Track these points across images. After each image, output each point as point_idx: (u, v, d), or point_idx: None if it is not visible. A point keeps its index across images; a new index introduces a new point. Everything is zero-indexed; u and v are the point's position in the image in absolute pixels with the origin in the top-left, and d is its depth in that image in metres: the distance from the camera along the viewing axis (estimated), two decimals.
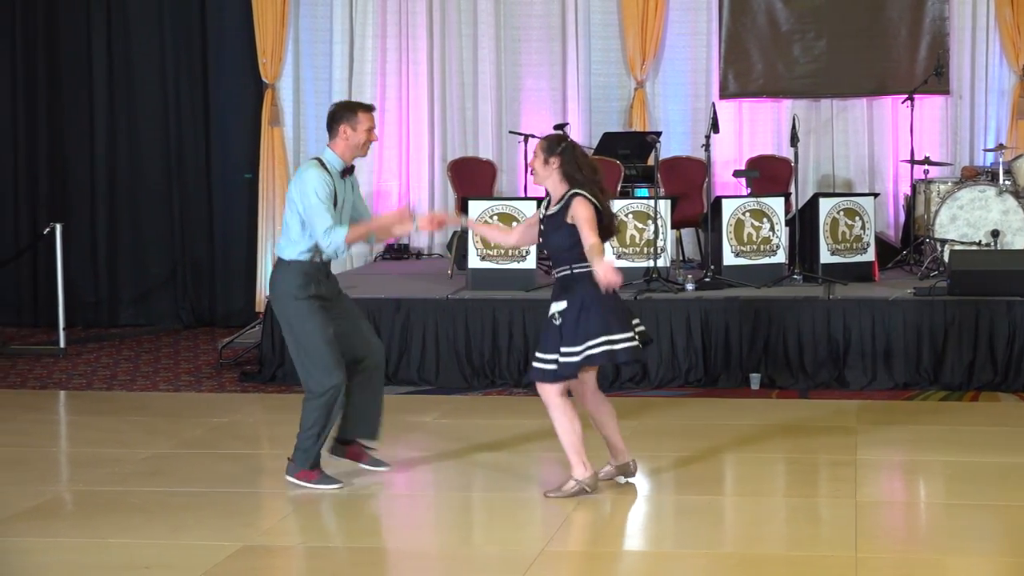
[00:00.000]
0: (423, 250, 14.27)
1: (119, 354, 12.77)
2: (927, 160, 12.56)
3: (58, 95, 14.49)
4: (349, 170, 7.84)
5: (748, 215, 11.53)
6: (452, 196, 13.63)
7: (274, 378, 11.15)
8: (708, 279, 11.43)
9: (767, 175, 12.73)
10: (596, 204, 7.52)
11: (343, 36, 14.22)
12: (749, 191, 12.42)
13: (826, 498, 7.94)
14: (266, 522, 7.50)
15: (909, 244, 12.57)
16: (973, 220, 11.89)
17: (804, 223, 11.76)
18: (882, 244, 12.56)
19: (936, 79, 13.12)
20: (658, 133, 12.52)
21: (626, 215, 11.37)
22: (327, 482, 7.89)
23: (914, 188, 12.60)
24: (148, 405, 10.57)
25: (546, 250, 7.82)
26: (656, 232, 11.30)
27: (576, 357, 7.49)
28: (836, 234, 11.65)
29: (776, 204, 11.63)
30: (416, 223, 7.93)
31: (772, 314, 10.86)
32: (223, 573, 6.54)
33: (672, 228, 11.75)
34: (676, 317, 10.90)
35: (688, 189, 12.74)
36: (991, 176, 12.22)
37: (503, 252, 11.24)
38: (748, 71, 13.97)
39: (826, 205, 11.67)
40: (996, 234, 11.77)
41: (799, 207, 11.98)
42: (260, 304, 13.38)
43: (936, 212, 11.94)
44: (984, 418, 9.81)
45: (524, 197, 12.59)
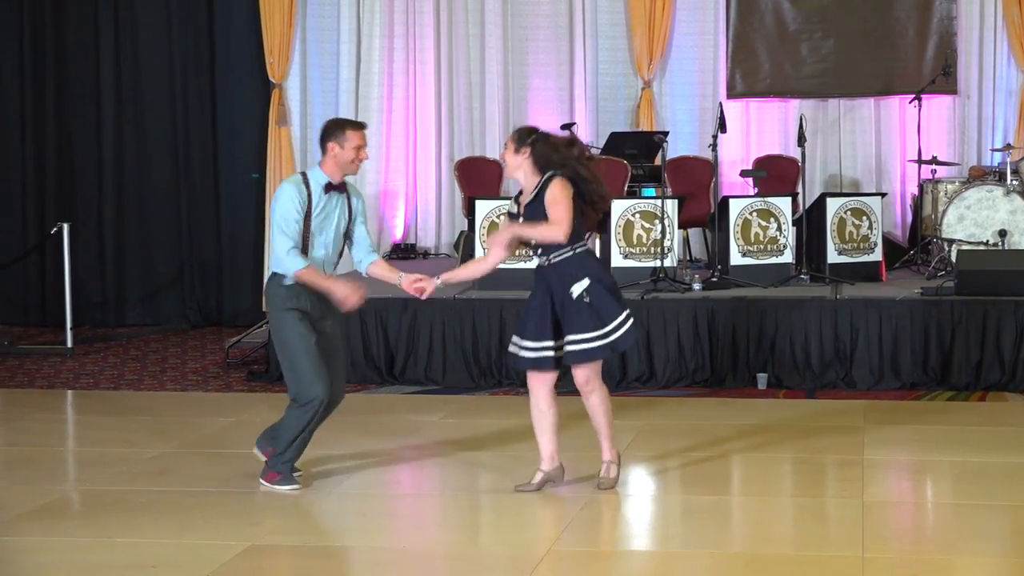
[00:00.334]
0: (430, 249, 14.28)
1: (126, 354, 12.78)
2: (934, 160, 12.55)
3: (66, 95, 14.51)
4: (338, 187, 7.78)
5: (755, 215, 11.52)
6: (459, 196, 13.64)
7: (281, 378, 11.11)
8: (715, 279, 11.43)
9: (774, 175, 12.72)
10: (576, 181, 7.52)
11: (350, 36, 14.23)
12: (756, 191, 12.41)
13: (833, 498, 7.94)
14: (273, 521, 7.50)
15: (916, 244, 12.57)
16: (980, 220, 11.88)
17: (811, 223, 11.75)
18: (889, 244, 12.56)
19: (944, 79, 13.11)
20: (665, 133, 12.52)
21: (633, 215, 11.37)
22: (288, 482, 7.91)
23: (921, 188, 12.60)
24: (155, 405, 10.58)
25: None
26: (663, 232, 11.30)
27: (625, 326, 7.53)
28: (843, 234, 11.65)
29: (783, 204, 11.63)
30: (400, 282, 7.87)
31: (779, 314, 10.85)
32: (230, 572, 6.54)
33: (679, 228, 11.74)
34: (683, 317, 10.90)
35: (695, 189, 12.73)
36: (998, 176, 12.22)
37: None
38: (755, 71, 13.96)
39: (833, 205, 11.67)
40: (1003, 234, 11.76)
41: (806, 207, 11.97)
42: (267, 304, 13.36)
43: (943, 212, 11.93)
44: (991, 418, 9.80)
45: None
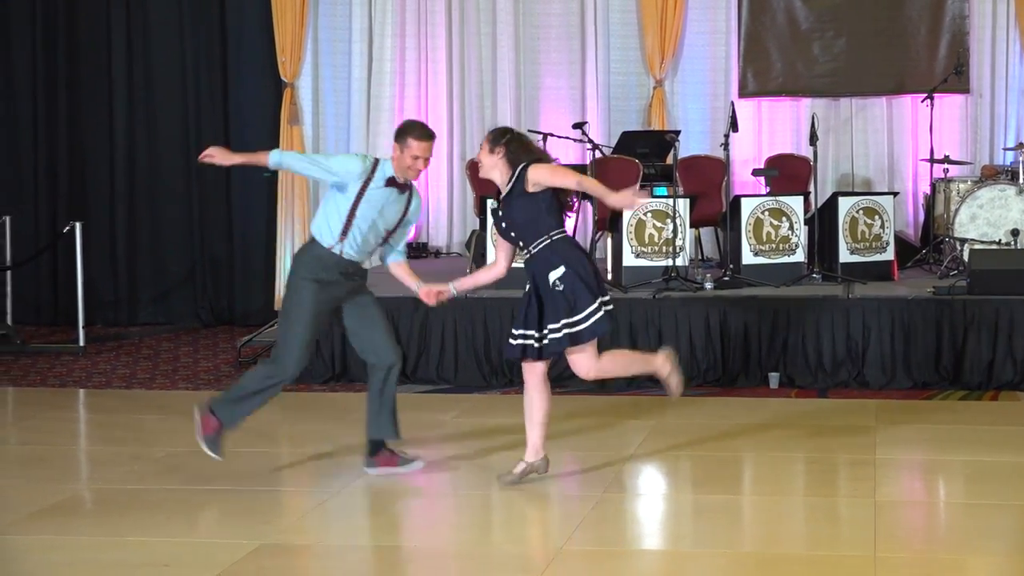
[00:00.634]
0: (442, 249, 14.28)
1: (138, 353, 12.80)
2: (947, 159, 12.53)
3: (78, 95, 14.53)
4: (401, 186, 7.90)
5: (767, 214, 11.51)
6: (471, 195, 13.64)
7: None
8: (727, 278, 11.42)
9: (786, 174, 12.70)
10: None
11: (362, 35, 14.23)
12: (768, 190, 12.39)
13: (845, 497, 7.93)
14: (284, 520, 7.51)
15: (928, 243, 12.54)
16: (993, 219, 11.86)
17: (823, 222, 11.74)
18: (901, 243, 12.54)
19: (956, 78, 13.07)
20: (677, 132, 12.50)
21: (645, 214, 11.36)
22: (211, 446, 8.00)
23: (934, 187, 12.57)
24: (167, 404, 10.59)
25: (512, 232, 7.71)
26: (675, 231, 11.29)
27: (593, 317, 7.55)
28: (855, 233, 11.63)
29: (795, 203, 11.62)
30: (418, 289, 8.07)
31: (791, 313, 10.84)
32: (241, 571, 6.54)
33: (691, 227, 11.73)
34: (695, 316, 10.89)
35: (707, 188, 12.71)
36: (1011, 175, 12.20)
37: (521, 251, 11.23)
38: (767, 70, 13.95)
39: (845, 204, 11.65)
40: (1016, 233, 11.74)
41: (818, 206, 11.95)
42: (279, 303, 13.38)
43: (956, 211, 11.91)
44: (1004, 418, 9.78)
45: None
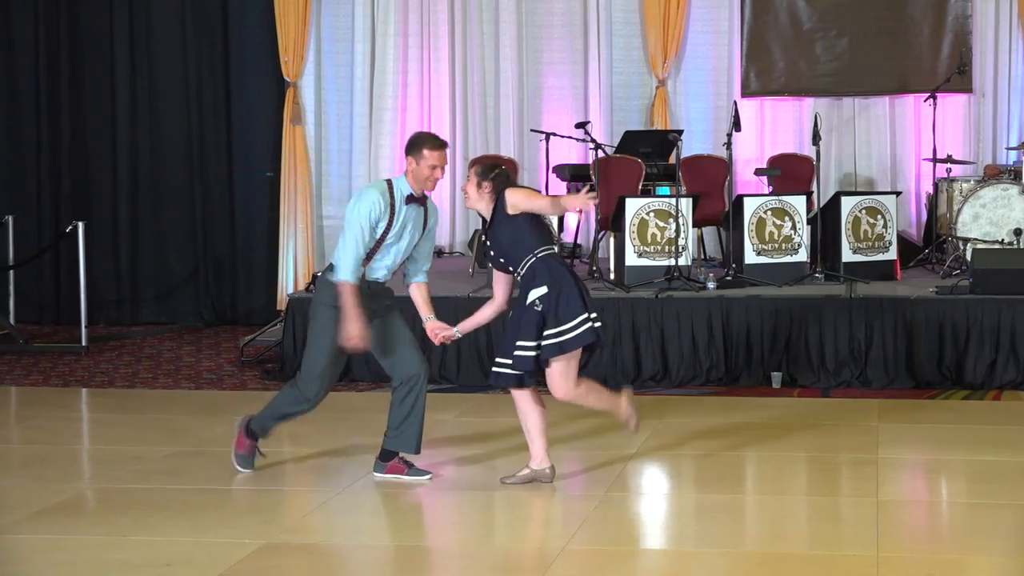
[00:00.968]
0: (444, 248, 14.28)
1: (141, 352, 12.80)
2: (949, 158, 12.52)
3: (81, 94, 14.54)
4: (420, 200, 7.88)
5: (770, 214, 11.51)
6: None
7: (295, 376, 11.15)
8: (729, 278, 11.42)
9: (789, 173, 12.70)
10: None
11: (365, 35, 14.23)
12: (771, 189, 12.39)
13: (848, 497, 7.93)
14: (288, 520, 7.51)
15: (931, 243, 12.54)
16: (996, 218, 11.86)
17: (826, 222, 11.74)
18: (904, 243, 12.53)
19: (959, 77, 13.07)
20: (680, 131, 12.49)
21: (648, 213, 11.36)
22: (243, 463, 8.17)
23: (936, 186, 12.57)
24: (170, 403, 10.60)
25: (501, 259, 7.77)
26: (677, 230, 11.29)
27: (583, 327, 7.59)
28: (858, 233, 11.63)
29: (798, 203, 11.62)
30: (425, 322, 8.11)
31: (793, 313, 10.84)
32: (243, 571, 6.55)
33: (693, 226, 11.73)
34: (697, 316, 10.89)
35: (709, 187, 12.71)
36: (1014, 174, 12.19)
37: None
38: (770, 69, 13.95)
39: (848, 203, 11.65)
40: (1019, 232, 11.74)
41: (821, 206, 11.95)
42: (281, 302, 13.40)
43: (958, 210, 11.91)
44: (1006, 417, 9.78)
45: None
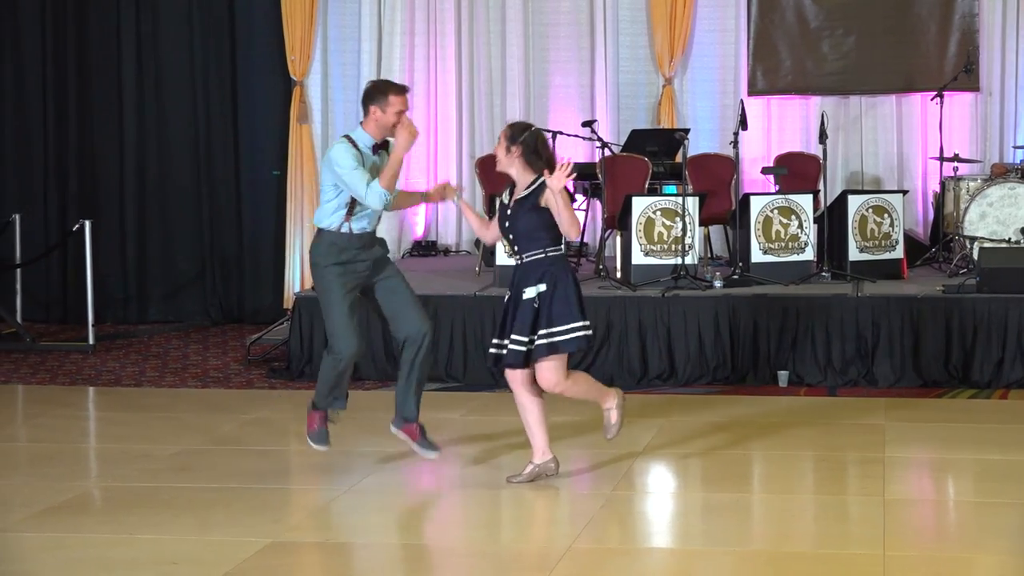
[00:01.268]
0: (451, 247, 14.29)
1: (148, 350, 12.81)
2: (956, 157, 12.51)
3: (87, 93, 14.55)
4: (382, 145, 8.06)
5: (776, 212, 11.51)
6: (480, 193, 13.64)
7: (302, 375, 11.18)
8: (736, 276, 11.42)
9: (795, 172, 12.70)
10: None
11: (371, 33, 14.24)
12: (777, 188, 12.39)
13: (854, 496, 7.93)
14: (294, 518, 7.52)
15: (938, 241, 12.53)
16: (1003, 217, 11.85)
17: (832, 220, 11.73)
18: (911, 241, 12.52)
19: (966, 76, 13.05)
20: (686, 130, 12.49)
21: (654, 212, 11.36)
22: (317, 440, 8.25)
23: (943, 185, 12.55)
24: (177, 401, 10.61)
25: (511, 235, 7.83)
26: (684, 229, 11.29)
27: (577, 333, 7.66)
28: (865, 231, 11.62)
29: (804, 201, 11.61)
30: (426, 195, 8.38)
31: (800, 311, 10.84)
32: (251, 569, 6.55)
33: (700, 225, 11.73)
34: (704, 314, 10.89)
35: (716, 186, 12.71)
36: (1021, 173, 12.18)
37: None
38: (776, 68, 13.94)
39: (855, 202, 11.64)
40: None
41: (827, 204, 11.94)
42: (288, 301, 13.40)
43: (965, 209, 11.90)
44: (1013, 416, 9.77)
45: None
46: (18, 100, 14.63)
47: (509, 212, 7.82)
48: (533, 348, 7.69)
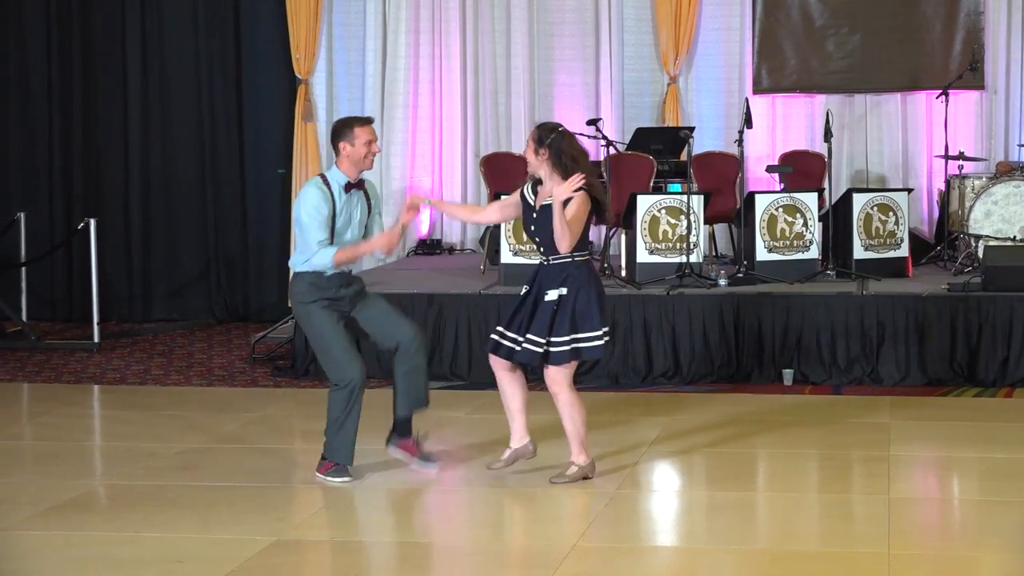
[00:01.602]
0: (456, 245, 14.28)
1: (153, 349, 12.82)
2: (961, 155, 12.50)
3: (92, 92, 14.55)
4: (357, 185, 7.97)
5: (781, 210, 11.50)
6: (485, 191, 13.64)
7: (307, 373, 11.18)
8: (741, 274, 11.42)
9: (800, 170, 12.69)
10: (596, 198, 7.73)
11: (376, 31, 14.24)
12: (782, 186, 12.38)
13: (859, 494, 7.92)
14: (299, 517, 7.52)
15: (943, 240, 12.52)
16: (1008, 215, 11.84)
17: (837, 219, 11.72)
18: (916, 240, 12.51)
19: (971, 74, 13.05)
20: (691, 128, 12.49)
21: (659, 210, 11.36)
22: (337, 475, 8.02)
23: (948, 183, 12.55)
24: (182, 400, 10.61)
25: (538, 237, 7.87)
26: (689, 227, 11.28)
27: (601, 340, 7.72)
28: (870, 229, 11.62)
29: (809, 199, 11.61)
30: (400, 220, 8.12)
31: (805, 310, 10.83)
32: (255, 567, 6.56)
33: (705, 223, 11.73)
34: (709, 312, 10.88)
35: (721, 184, 12.71)
36: None
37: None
38: (781, 66, 13.93)
39: (859, 200, 11.63)
40: None
41: (832, 202, 11.94)
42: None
43: (970, 207, 11.89)
44: (1018, 415, 9.76)
45: None
46: (23, 99, 14.64)
47: (535, 215, 7.83)
48: (552, 351, 7.72)
